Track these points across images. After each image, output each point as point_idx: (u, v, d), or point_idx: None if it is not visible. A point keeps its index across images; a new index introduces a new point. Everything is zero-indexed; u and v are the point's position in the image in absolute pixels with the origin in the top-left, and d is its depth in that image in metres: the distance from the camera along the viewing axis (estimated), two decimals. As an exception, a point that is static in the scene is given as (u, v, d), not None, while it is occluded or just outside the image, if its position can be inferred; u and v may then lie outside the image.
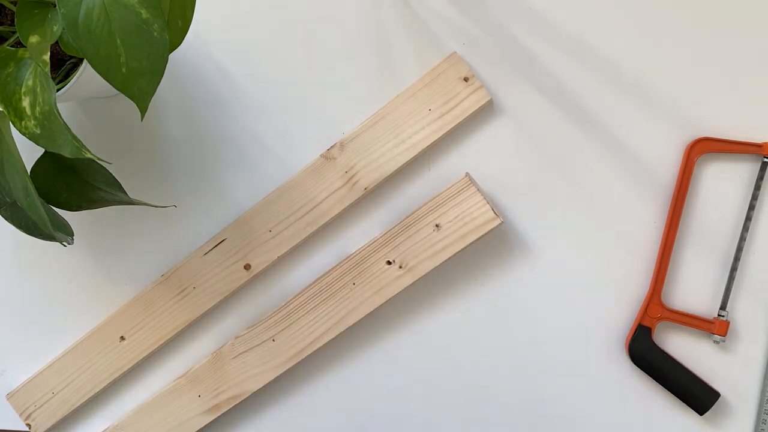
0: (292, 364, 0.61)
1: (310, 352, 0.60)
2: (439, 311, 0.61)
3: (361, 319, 0.59)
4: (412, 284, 0.58)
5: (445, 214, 0.57)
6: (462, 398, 0.62)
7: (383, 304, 0.59)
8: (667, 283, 0.58)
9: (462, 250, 0.57)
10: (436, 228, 0.57)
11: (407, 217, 0.58)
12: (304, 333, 0.60)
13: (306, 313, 0.60)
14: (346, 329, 0.60)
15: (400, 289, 0.59)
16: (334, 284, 0.60)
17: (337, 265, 0.60)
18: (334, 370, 0.63)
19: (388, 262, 0.58)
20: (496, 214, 0.57)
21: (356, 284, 0.59)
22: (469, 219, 0.57)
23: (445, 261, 0.58)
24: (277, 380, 0.62)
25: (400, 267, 0.58)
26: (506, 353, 0.61)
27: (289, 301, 0.60)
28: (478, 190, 0.57)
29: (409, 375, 0.62)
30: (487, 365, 0.62)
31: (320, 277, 0.60)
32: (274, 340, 0.61)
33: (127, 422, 0.65)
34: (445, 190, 0.58)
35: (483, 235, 0.57)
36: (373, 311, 0.59)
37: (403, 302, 0.61)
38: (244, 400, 0.62)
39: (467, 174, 0.58)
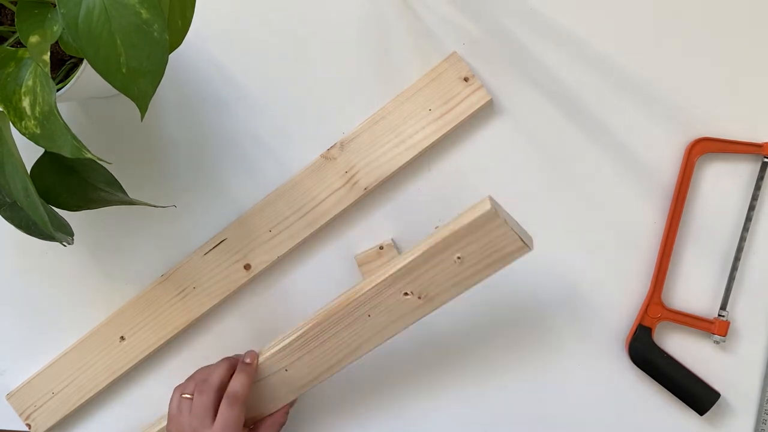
0: (303, 390, 0.58)
1: (322, 380, 0.58)
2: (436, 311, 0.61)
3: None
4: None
5: (468, 246, 0.51)
6: (461, 398, 0.62)
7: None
8: (667, 283, 0.58)
9: (489, 276, 0.53)
10: (458, 260, 0.52)
11: (425, 250, 0.52)
12: (318, 361, 0.57)
13: (320, 344, 0.56)
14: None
15: (418, 319, 0.55)
16: (349, 317, 0.55)
17: (351, 297, 0.55)
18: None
19: (406, 294, 0.54)
20: (525, 243, 0.51)
21: (371, 316, 0.55)
22: (495, 249, 0.51)
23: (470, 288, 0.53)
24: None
25: (419, 297, 0.54)
26: (506, 354, 0.61)
27: (302, 334, 0.57)
28: (505, 219, 0.51)
29: (407, 378, 0.62)
30: (487, 366, 0.61)
31: (333, 309, 0.56)
32: (287, 371, 0.58)
33: None
34: (469, 222, 0.51)
35: (510, 263, 0.52)
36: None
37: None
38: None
39: (490, 199, 0.52)
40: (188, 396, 0.56)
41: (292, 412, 0.61)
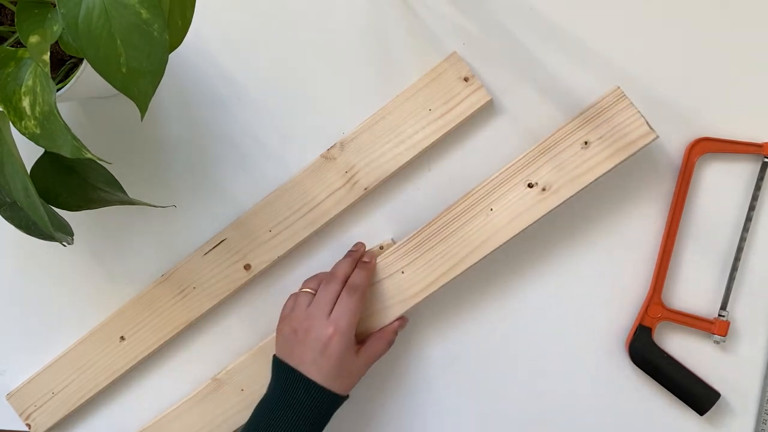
0: (421, 297, 0.57)
1: (440, 285, 0.57)
2: (434, 303, 0.61)
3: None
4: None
5: (595, 129, 0.53)
6: (460, 399, 0.62)
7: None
8: (667, 283, 0.58)
9: (613, 168, 0.54)
10: (584, 145, 0.53)
11: (550, 136, 0.54)
12: (437, 261, 0.56)
13: (439, 241, 0.56)
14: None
15: (541, 215, 0.54)
16: (470, 210, 0.55)
17: (470, 191, 0.56)
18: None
19: (530, 185, 0.54)
20: (652, 129, 0.53)
21: (494, 210, 0.55)
22: (621, 134, 0.52)
23: (593, 182, 0.54)
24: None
25: (543, 189, 0.54)
26: (505, 353, 0.61)
27: (420, 230, 0.57)
28: (631, 102, 0.53)
29: (412, 382, 0.62)
30: (486, 366, 0.61)
31: (453, 204, 0.56)
32: (403, 272, 0.57)
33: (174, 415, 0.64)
34: (595, 105, 0.54)
35: (634, 153, 0.53)
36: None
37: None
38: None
39: (618, 87, 0.54)
40: (309, 290, 0.57)
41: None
